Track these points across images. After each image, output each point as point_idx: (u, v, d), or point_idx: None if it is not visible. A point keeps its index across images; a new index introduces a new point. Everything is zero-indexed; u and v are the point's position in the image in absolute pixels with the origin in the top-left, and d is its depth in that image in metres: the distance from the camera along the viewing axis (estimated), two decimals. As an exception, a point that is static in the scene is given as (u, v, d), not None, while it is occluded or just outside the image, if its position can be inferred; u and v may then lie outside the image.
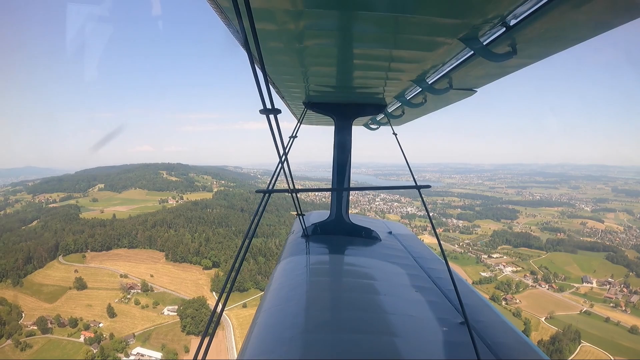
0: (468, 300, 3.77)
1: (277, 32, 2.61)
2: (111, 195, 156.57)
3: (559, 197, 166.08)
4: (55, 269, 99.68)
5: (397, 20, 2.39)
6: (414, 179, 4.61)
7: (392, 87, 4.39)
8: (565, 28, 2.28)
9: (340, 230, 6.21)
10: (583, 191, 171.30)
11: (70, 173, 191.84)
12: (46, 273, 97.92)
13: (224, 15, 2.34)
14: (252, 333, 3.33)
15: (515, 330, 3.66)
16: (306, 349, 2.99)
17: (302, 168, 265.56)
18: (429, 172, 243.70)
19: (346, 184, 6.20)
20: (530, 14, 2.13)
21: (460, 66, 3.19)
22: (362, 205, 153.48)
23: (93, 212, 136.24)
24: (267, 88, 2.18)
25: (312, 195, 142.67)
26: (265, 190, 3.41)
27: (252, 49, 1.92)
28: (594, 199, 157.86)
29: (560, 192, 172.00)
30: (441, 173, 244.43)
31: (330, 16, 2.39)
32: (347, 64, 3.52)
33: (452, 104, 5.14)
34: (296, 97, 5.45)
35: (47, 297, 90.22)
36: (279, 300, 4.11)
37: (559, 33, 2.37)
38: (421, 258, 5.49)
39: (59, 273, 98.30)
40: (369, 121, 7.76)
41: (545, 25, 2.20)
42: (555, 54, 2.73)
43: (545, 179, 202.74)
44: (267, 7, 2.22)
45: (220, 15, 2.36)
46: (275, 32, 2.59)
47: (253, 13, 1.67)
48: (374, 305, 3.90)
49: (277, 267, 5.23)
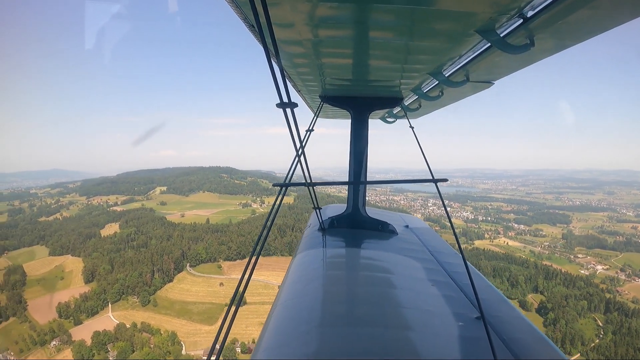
0: (485, 295, 3.77)
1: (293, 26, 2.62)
2: (178, 198, 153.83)
3: (597, 203, 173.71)
4: (189, 282, 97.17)
5: (414, 12, 2.39)
6: (431, 172, 4.63)
7: (408, 79, 4.39)
8: (584, 18, 2.22)
9: (357, 224, 6.23)
10: (619, 197, 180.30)
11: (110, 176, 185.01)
12: (181, 287, 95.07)
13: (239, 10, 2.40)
14: (268, 326, 3.31)
15: (533, 327, 3.63)
16: (322, 343, 2.97)
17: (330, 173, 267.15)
18: (459, 178, 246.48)
19: (363, 178, 6.21)
20: (548, 4, 2.10)
21: (477, 58, 3.18)
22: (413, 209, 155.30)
23: (173, 216, 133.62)
24: (283, 82, 2.23)
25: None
26: (282, 183, 3.48)
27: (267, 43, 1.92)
28: (632, 204, 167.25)
29: (598, 198, 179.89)
30: (472, 178, 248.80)
31: (347, 8, 2.37)
32: (364, 57, 3.53)
33: (469, 96, 5.15)
34: (313, 90, 5.42)
35: (201, 318, 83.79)
36: (295, 293, 4.12)
37: (578, 24, 2.31)
38: (438, 252, 5.52)
39: (198, 287, 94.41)
40: (385, 114, 7.80)
41: (564, 16, 2.15)
42: (574, 45, 2.69)
43: (578, 185, 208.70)
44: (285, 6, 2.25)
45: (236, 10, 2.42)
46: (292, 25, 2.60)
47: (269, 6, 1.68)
48: (390, 299, 3.90)
49: (293, 260, 5.23)
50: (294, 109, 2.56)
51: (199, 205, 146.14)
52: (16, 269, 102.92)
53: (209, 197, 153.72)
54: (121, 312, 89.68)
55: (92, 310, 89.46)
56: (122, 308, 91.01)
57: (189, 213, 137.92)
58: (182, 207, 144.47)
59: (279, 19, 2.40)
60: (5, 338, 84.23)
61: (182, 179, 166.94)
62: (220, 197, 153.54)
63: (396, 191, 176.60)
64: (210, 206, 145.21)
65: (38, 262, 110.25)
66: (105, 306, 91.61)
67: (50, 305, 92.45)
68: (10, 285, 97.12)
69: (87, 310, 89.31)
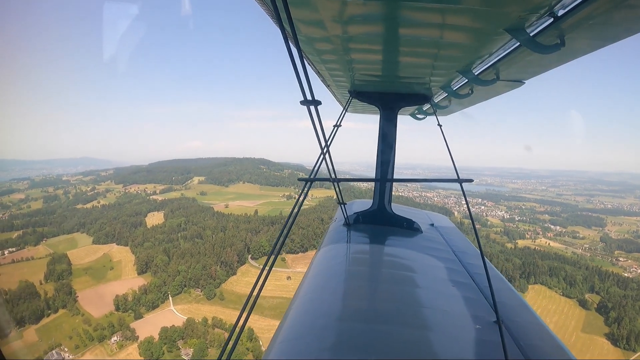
0: (504, 298, 3.78)
1: (323, 21, 2.55)
2: (218, 189, 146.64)
3: (630, 207, 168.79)
4: (253, 275, 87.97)
5: (444, 9, 2.34)
6: (457, 172, 4.56)
7: (438, 77, 4.29)
8: (619, 18, 2.10)
9: (382, 220, 6.14)
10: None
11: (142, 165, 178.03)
12: (246, 281, 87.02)
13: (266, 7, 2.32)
14: (287, 318, 3.37)
15: (551, 334, 3.54)
16: (338, 338, 2.99)
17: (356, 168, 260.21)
18: (488, 176, 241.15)
19: (390, 175, 6.12)
20: (580, 3, 2.01)
21: (507, 57, 3.09)
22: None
23: (216, 207, 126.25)
24: (307, 80, 2.19)
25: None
26: (307, 178, 3.40)
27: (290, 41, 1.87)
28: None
29: (629, 202, 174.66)
30: (501, 177, 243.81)
31: (376, 4, 2.34)
32: (393, 53, 3.46)
33: (499, 95, 4.98)
34: (341, 85, 5.40)
35: (274, 313, 75.60)
36: (316, 287, 4.14)
37: (612, 23, 2.20)
38: (461, 252, 5.38)
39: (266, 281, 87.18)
40: (415, 111, 7.59)
41: (596, 15, 2.06)
42: (606, 46, 2.56)
43: (608, 188, 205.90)
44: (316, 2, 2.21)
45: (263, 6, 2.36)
46: (321, 20, 2.54)
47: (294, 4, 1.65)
48: (409, 298, 3.88)
49: (317, 254, 5.21)
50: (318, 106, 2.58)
51: (241, 196, 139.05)
52: (61, 258, 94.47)
53: (250, 188, 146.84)
54: (184, 306, 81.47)
55: (152, 304, 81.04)
56: (185, 301, 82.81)
57: (232, 204, 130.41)
58: (223, 198, 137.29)
59: (309, 15, 2.44)
60: (57, 332, 75.60)
61: (219, 170, 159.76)
62: (261, 189, 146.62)
63: (428, 188, 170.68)
64: (252, 197, 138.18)
65: (81, 250, 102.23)
66: (165, 299, 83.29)
67: (102, 297, 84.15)
68: (57, 274, 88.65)
69: (146, 304, 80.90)
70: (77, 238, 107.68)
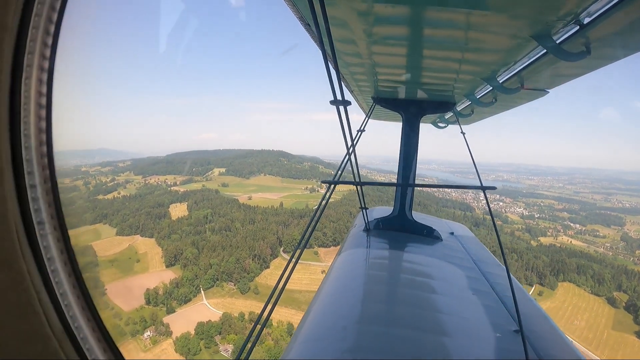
0: (524, 308, 3.67)
1: (348, 28, 2.58)
2: (239, 180, 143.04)
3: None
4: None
5: (469, 17, 2.31)
6: (480, 179, 4.56)
7: (461, 84, 4.26)
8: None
9: (402, 227, 6.17)
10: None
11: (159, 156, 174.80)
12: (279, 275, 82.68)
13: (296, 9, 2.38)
14: (306, 319, 3.40)
15: (570, 345, 3.51)
16: (355, 341, 3.02)
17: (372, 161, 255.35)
18: (504, 172, 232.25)
19: (411, 181, 6.17)
20: (606, 11, 1.99)
21: (531, 65, 3.07)
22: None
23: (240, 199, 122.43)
24: (338, 80, 2.20)
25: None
26: (331, 181, 3.44)
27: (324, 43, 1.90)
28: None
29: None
30: (517, 174, 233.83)
31: (401, 12, 2.33)
32: (417, 61, 3.45)
33: (522, 104, 4.93)
34: (365, 92, 5.43)
35: None
36: (335, 290, 4.16)
37: (637, 32, 2.20)
38: (481, 261, 5.34)
39: (299, 274, 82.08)
40: (437, 119, 7.64)
41: (622, 23, 2.07)
42: (632, 54, 2.53)
43: (625, 187, 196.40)
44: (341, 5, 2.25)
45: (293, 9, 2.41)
46: (347, 27, 2.56)
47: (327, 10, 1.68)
48: (428, 304, 3.85)
49: (336, 258, 5.22)
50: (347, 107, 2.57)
51: (263, 189, 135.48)
52: (86, 249, 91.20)
53: (271, 181, 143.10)
54: (218, 300, 77.94)
55: (184, 298, 77.54)
56: (218, 295, 79.30)
57: (255, 196, 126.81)
58: (245, 190, 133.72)
59: (335, 21, 2.44)
60: (86, 326, 72.45)
61: (239, 162, 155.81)
62: (283, 181, 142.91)
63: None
64: (275, 189, 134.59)
65: (105, 241, 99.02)
66: (197, 293, 79.79)
67: (130, 290, 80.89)
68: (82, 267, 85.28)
69: (178, 297, 77.44)
70: (99, 229, 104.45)
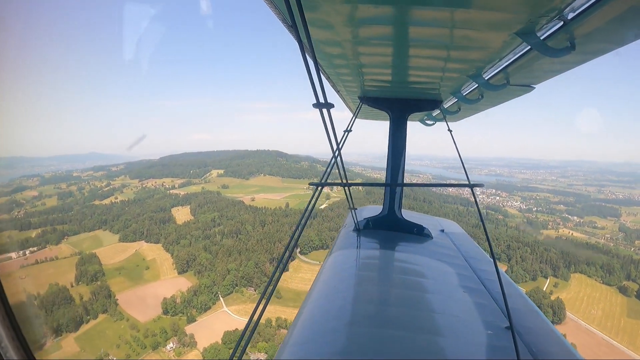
0: (515, 304, 3.78)
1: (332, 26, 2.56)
2: (239, 182, 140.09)
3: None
4: (306, 270, 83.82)
5: (454, 14, 2.34)
6: (467, 176, 4.64)
7: (448, 82, 4.31)
8: (627, 22, 2.13)
9: (392, 226, 6.19)
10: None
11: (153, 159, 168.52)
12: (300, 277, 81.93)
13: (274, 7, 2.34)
14: (298, 321, 3.39)
15: (561, 338, 3.57)
16: (348, 342, 3.02)
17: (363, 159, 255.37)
18: (497, 167, 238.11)
19: (400, 180, 6.18)
20: (589, 6, 2.03)
21: (517, 62, 3.09)
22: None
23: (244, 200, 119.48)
24: (319, 82, 2.17)
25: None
26: (318, 183, 3.42)
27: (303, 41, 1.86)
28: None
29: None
30: (509, 168, 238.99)
31: (386, 10, 2.33)
32: (403, 59, 3.46)
33: (509, 100, 5.04)
34: (351, 91, 5.42)
35: None
36: (326, 291, 4.16)
37: (621, 27, 2.23)
38: (472, 258, 5.39)
39: (311, 275, 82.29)
40: (424, 117, 7.72)
41: (606, 19, 2.09)
42: (616, 49, 2.58)
43: (617, 178, 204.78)
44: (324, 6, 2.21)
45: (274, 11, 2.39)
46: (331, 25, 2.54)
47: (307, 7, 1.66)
48: (419, 303, 3.89)
49: (327, 259, 5.23)
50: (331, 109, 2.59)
51: (265, 189, 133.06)
52: (90, 257, 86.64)
53: (272, 181, 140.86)
54: (239, 307, 75.82)
55: (204, 306, 74.93)
56: (239, 302, 77.14)
57: (258, 197, 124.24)
58: (247, 191, 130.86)
59: (319, 19, 2.43)
60: (100, 340, 68.75)
61: (237, 162, 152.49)
62: (284, 181, 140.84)
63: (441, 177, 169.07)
64: (277, 190, 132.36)
65: (108, 248, 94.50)
66: (216, 300, 77.27)
67: (143, 299, 77.45)
68: (89, 276, 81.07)
69: (197, 306, 74.74)
70: (100, 236, 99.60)
